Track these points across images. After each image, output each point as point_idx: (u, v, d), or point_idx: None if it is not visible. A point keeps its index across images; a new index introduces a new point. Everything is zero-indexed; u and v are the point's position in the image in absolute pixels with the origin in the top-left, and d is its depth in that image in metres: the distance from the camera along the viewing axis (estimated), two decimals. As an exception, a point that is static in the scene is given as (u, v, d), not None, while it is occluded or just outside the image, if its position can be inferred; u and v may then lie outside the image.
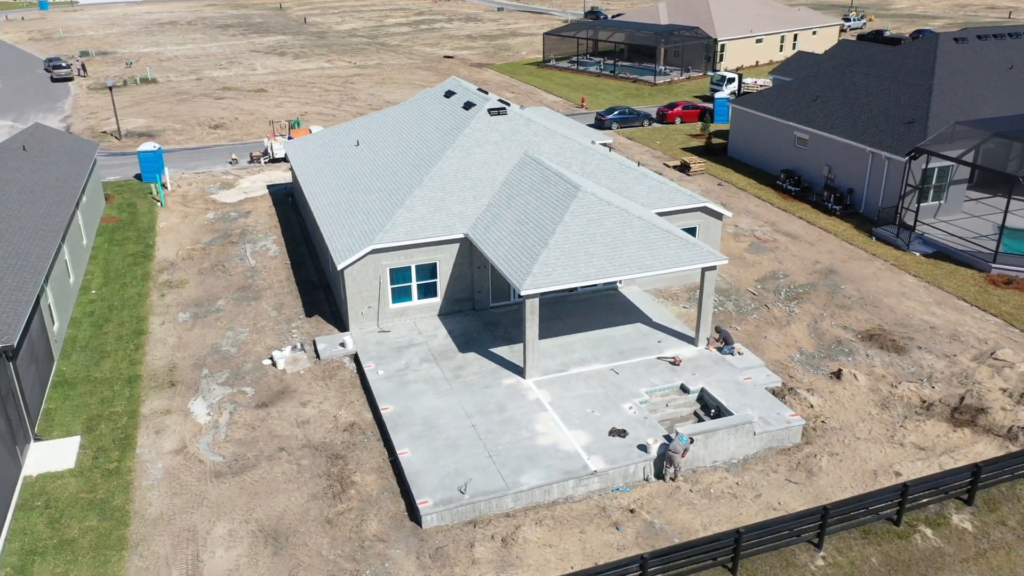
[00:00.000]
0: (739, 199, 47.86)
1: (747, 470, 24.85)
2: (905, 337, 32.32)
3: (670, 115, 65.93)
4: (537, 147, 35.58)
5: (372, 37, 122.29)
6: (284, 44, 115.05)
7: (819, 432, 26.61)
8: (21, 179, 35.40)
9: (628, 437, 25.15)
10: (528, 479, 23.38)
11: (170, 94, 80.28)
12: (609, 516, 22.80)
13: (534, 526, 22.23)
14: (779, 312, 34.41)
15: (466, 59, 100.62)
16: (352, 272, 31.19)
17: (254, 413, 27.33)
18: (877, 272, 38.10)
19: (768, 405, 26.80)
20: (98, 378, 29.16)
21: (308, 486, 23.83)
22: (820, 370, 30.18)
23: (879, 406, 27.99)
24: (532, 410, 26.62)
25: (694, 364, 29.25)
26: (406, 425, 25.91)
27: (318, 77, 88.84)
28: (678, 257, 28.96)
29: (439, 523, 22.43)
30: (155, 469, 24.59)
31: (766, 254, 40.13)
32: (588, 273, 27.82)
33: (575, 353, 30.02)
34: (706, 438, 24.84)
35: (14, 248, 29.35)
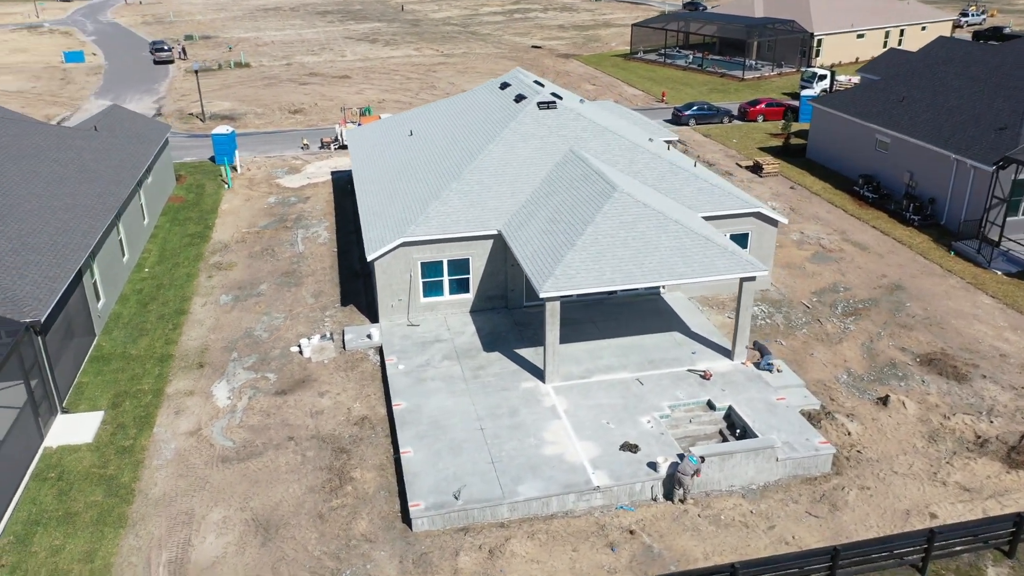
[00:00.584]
0: (810, 204, 45.22)
1: (765, 498, 23.26)
2: (969, 363, 29.65)
3: (752, 112, 63.11)
4: (584, 143, 34.45)
5: (464, 25, 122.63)
6: (377, 31, 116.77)
7: (852, 463, 24.66)
8: (84, 159, 36.85)
9: (639, 453, 23.95)
10: (526, 489, 22.56)
11: (259, 78, 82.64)
12: (607, 535, 21.74)
13: (525, 539, 21.42)
14: (832, 328, 32.20)
15: (553, 49, 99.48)
16: (383, 264, 31.00)
17: (272, 400, 27.51)
18: (950, 290, 35.17)
19: (798, 429, 25.01)
20: (133, 355, 30.03)
21: (308, 478, 23.76)
22: (866, 394, 28.03)
23: (926, 438, 25.73)
24: (545, 417, 25.74)
25: (726, 379, 27.66)
26: (414, 423, 25.49)
27: (403, 65, 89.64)
28: (714, 265, 27.37)
29: (430, 527, 21.91)
30: (167, 449, 25.06)
31: (829, 264, 37.69)
32: (614, 278, 26.64)
33: (602, 360, 28.89)
34: (722, 461, 23.37)
35: (63, 226, 30.50)
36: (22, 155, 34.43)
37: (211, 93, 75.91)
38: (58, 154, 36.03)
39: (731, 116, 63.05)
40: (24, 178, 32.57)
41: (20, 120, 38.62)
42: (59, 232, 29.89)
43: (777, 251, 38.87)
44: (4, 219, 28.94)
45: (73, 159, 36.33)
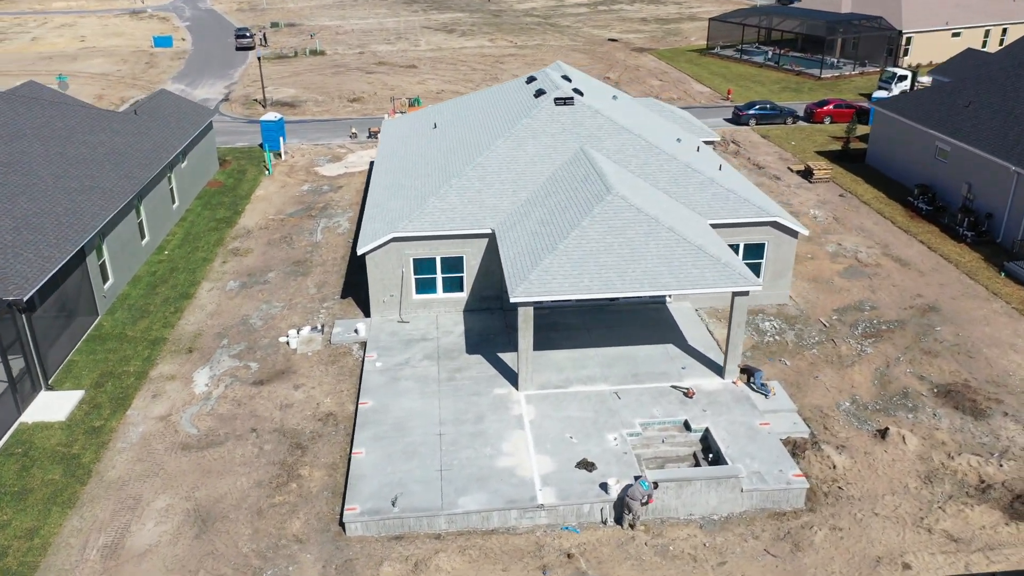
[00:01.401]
0: (857, 214, 42.30)
1: (724, 531, 21.68)
2: (992, 398, 26.95)
3: (818, 113, 59.72)
4: (598, 142, 33.12)
5: (546, 17, 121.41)
6: (457, 21, 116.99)
7: (831, 499, 22.73)
8: (115, 142, 38.02)
9: (596, 472, 22.76)
10: (467, 502, 21.75)
11: (329, 66, 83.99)
12: (543, 558, 20.72)
13: (456, 554, 20.64)
14: (847, 350, 29.90)
15: (629, 43, 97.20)
16: (375, 258, 30.65)
17: (247, 390, 27.61)
18: (990, 315, 32.14)
19: (775, 458, 23.24)
20: (128, 336, 30.75)
21: (259, 472, 23.65)
22: (866, 425, 25.84)
23: (921, 478, 23.47)
24: (508, 426, 24.81)
25: (711, 399, 26.02)
26: (376, 424, 25.03)
27: (472, 56, 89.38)
28: (703, 277, 25.73)
29: (364, 533, 21.42)
30: (134, 433, 25.47)
31: (860, 280, 35.09)
32: (591, 286, 25.40)
33: (584, 369, 27.70)
34: (679, 487, 21.92)
35: (74, 207, 31.47)
36: (53, 136, 35.78)
37: (281, 80, 77.67)
38: (89, 137, 37.29)
39: (795, 117, 59.85)
40: (48, 159, 33.82)
41: (62, 102, 40.19)
42: (67, 213, 30.85)
43: (807, 263, 36.55)
44: (15, 198, 30.07)
45: (104, 142, 37.53)
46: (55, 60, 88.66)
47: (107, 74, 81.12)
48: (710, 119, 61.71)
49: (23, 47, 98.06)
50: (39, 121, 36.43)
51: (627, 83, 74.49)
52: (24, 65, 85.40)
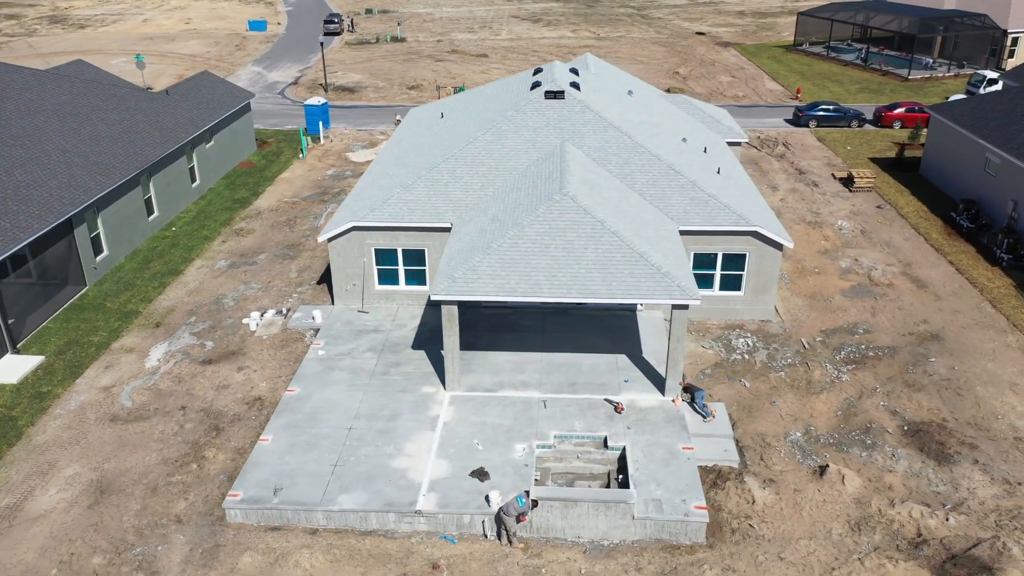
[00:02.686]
0: (888, 228, 38.93)
1: (610, 558, 20.37)
2: (966, 443, 24.14)
3: (887, 117, 55.42)
4: (581, 138, 31.84)
5: (640, 8, 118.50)
6: (548, 11, 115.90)
7: (737, 537, 20.95)
8: (135, 120, 39.65)
9: (487, 482, 21.88)
10: (347, 500, 21.36)
11: (404, 53, 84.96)
12: (407, 565, 20.09)
13: (320, 552, 20.31)
14: (820, 375, 27.54)
15: (717, 36, 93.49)
16: (336, 246, 30.63)
17: (193, 368, 28.19)
18: (1000, 350, 28.84)
19: (683, 487, 21.63)
20: (107, 307, 32.03)
21: (169, 450, 24.08)
22: (810, 459, 23.70)
23: (849, 525, 21.29)
24: (421, 427, 24.22)
25: (641, 416, 24.53)
26: (293, 412, 25.00)
27: (548, 46, 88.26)
28: (637, 287, 24.23)
29: (243, 520, 21.41)
30: (75, 401, 26.47)
31: (864, 300, 32.26)
32: (516, 289, 24.37)
33: (522, 374, 26.70)
34: (564, 508, 20.74)
35: (70, 181, 33.01)
36: (72, 113, 37.66)
37: (354, 65, 79.23)
38: (110, 115, 39.04)
39: (862, 120, 55.75)
40: (61, 134, 35.62)
41: (96, 81, 42.23)
42: (61, 187, 32.39)
43: (811, 278, 33.99)
44: (12, 170, 31.81)
45: (123, 120, 39.21)
46: (155, 40, 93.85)
47: (196, 55, 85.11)
48: (770, 119, 58.59)
49: (133, 27, 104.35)
50: (64, 98, 38.42)
51: (696, 79, 71.66)
52: (125, 44, 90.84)
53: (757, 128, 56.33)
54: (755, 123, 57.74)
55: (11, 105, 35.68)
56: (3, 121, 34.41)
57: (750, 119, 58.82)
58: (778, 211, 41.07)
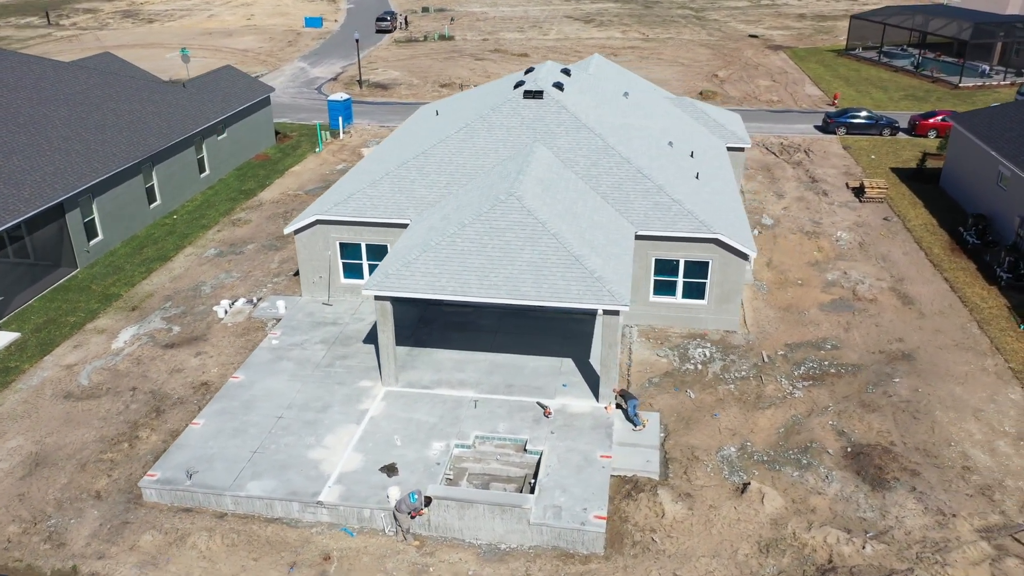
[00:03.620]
0: (891, 241, 37.25)
1: (503, 563, 20.18)
2: (909, 469, 22.96)
3: (922, 126, 52.99)
4: (552, 138, 31.58)
5: (699, 10, 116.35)
6: (603, 11, 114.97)
7: (638, 550, 20.45)
8: (145, 111, 41.18)
9: (395, 478, 21.95)
10: (255, 487, 21.76)
11: (447, 52, 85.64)
12: (300, 554, 20.35)
13: (219, 536, 20.75)
14: (773, 390, 26.61)
15: (770, 39, 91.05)
16: (303, 239, 31.19)
17: (154, 351, 29.15)
18: (974, 374, 27.28)
19: (589, 495, 21.24)
20: (91, 290, 33.39)
21: (109, 428, 24.97)
22: (736, 476, 22.93)
23: (759, 546, 20.52)
24: (346, 419, 24.47)
25: (569, 421, 24.20)
26: (230, 398, 25.59)
27: (591, 47, 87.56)
28: (567, 291, 23.89)
29: (158, 500, 22.06)
30: (37, 377, 27.72)
31: (841, 315, 30.99)
32: (448, 287, 24.36)
33: (462, 373, 26.68)
34: (461, 509, 20.63)
35: (67, 168, 34.54)
36: (83, 103, 39.39)
37: (396, 62, 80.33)
38: (120, 105, 40.68)
39: (895, 128, 53.46)
40: (67, 123, 37.32)
41: (115, 73, 44.04)
42: (56, 173, 33.93)
43: (791, 290, 32.87)
44: (10, 156, 33.49)
45: (132, 111, 40.80)
46: (213, 35, 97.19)
47: (248, 50, 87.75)
48: (799, 125, 56.81)
49: (197, 23, 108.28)
50: (78, 88, 40.23)
51: (734, 82, 70.01)
52: (184, 39, 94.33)
53: (783, 134, 54.68)
54: (783, 129, 56.06)
55: (24, 94, 37.58)
56: (13, 109, 36.27)
57: (779, 124, 57.16)
58: (777, 219, 39.84)
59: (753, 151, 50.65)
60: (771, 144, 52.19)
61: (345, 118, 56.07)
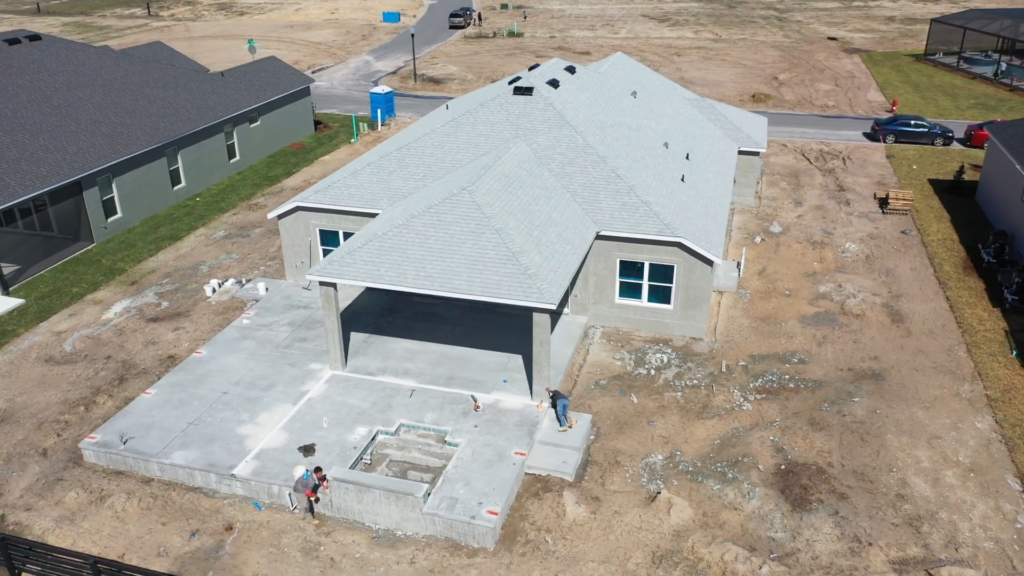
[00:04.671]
0: (902, 256, 35.34)
1: (392, 548, 20.49)
2: (837, 492, 21.92)
3: (978, 136, 49.87)
4: (533, 135, 31.58)
5: (784, 11, 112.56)
6: (682, 11, 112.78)
7: (528, 549, 20.36)
8: (179, 98, 43.39)
9: (310, 458, 22.58)
10: (179, 456, 22.81)
11: (510, 48, 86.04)
12: (206, 523, 21.25)
13: (136, 499, 21.88)
14: (722, 401, 25.85)
15: (848, 42, 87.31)
16: (285, 224, 32.27)
17: (138, 324, 30.83)
18: (944, 398, 25.70)
19: (491, 490, 21.29)
20: (100, 263, 35.54)
21: (75, 392, 26.62)
22: (653, 484, 22.46)
23: (651, 557, 20.09)
24: (285, 399, 25.29)
25: (496, 417, 24.27)
26: (187, 372, 26.83)
27: (658, 47, 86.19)
28: (498, 286, 23.92)
29: (95, 461, 23.44)
30: (28, 341, 29.81)
31: (819, 329, 29.71)
32: (385, 277, 24.79)
33: (410, 362, 27.09)
34: (360, 492, 21.05)
35: (90, 148, 36.86)
36: (120, 88, 41.87)
37: (459, 58, 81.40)
38: (155, 91, 43.01)
39: (948, 138, 50.49)
40: (97, 106, 39.78)
41: (157, 60, 46.50)
42: (78, 153, 36.25)
43: (775, 300, 31.75)
44: (37, 136, 36.00)
45: (165, 97, 43.07)
46: (293, 28, 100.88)
47: (321, 43, 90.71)
48: (847, 132, 54.46)
49: (284, 16, 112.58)
50: (118, 75, 42.78)
51: (793, 85, 67.60)
52: (266, 31, 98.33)
53: (827, 140, 52.51)
54: (829, 135, 53.84)
55: (63, 79, 40.29)
56: (49, 92, 38.95)
57: (826, 130, 54.91)
58: (787, 227, 38.42)
59: (785, 157, 48.90)
60: (810, 150, 50.22)
61: (386, 111, 57.35)
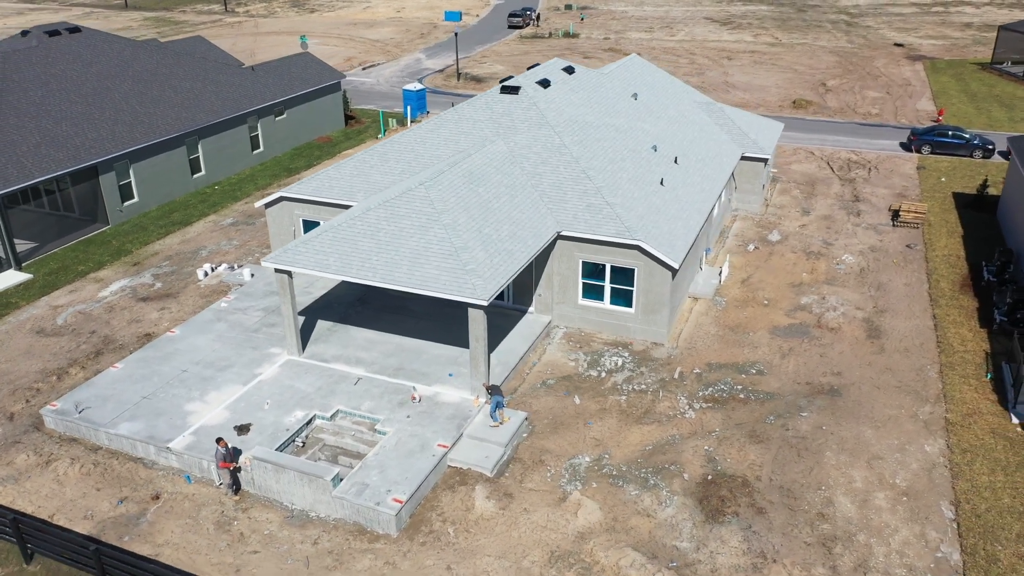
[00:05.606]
0: (899, 271, 33.96)
1: (301, 528, 21.14)
2: (756, 506, 21.43)
3: (1020, 150, 47.24)
4: (512, 134, 31.83)
5: (856, 15, 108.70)
6: (748, 14, 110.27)
7: (429, 538, 20.67)
8: (206, 91, 45.33)
9: (243, 436, 23.47)
10: (125, 427, 24.04)
11: (560, 49, 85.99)
12: (136, 491, 22.36)
13: (79, 465, 23.18)
14: (666, 408, 25.54)
15: (915, 48, 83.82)
16: (272, 213, 33.43)
17: (128, 302, 32.49)
18: (900, 418, 24.71)
19: (403, 479, 21.70)
20: (111, 244, 37.53)
21: (54, 363, 28.30)
22: (571, 485, 22.40)
23: (548, 556, 20.11)
24: (237, 380, 26.29)
25: (430, 409, 24.67)
26: (157, 349, 28.16)
27: (710, 50, 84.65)
28: (436, 280, 24.30)
29: (54, 427, 24.92)
30: (27, 313, 31.80)
31: (788, 341, 28.92)
32: (331, 266, 25.53)
33: (367, 352, 27.75)
34: (277, 472, 21.79)
35: (111, 135, 38.98)
36: (150, 79, 44.02)
37: (509, 58, 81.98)
38: (182, 83, 45.05)
39: (988, 150, 48.08)
40: (123, 96, 41.97)
41: (190, 54, 48.59)
42: (98, 139, 38.38)
43: (752, 310, 31.09)
44: (60, 122, 38.27)
45: (192, 89, 45.06)
46: (356, 26, 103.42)
47: (378, 41, 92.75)
48: (883, 141, 52.53)
49: (351, 14, 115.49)
50: (149, 67, 44.98)
51: (840, 92, 65.47)
52: (328, 28, 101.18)
53: (860, 149, 50.73)
54: (863, 144, 51.99)
55: (95, 69, 42.66)
56: (80, 81, 41.33)
57: (862, 139, 53.04)
58: (786, 236, 37.42)
59: (808, 165, 47.50)
60: (837, 159, 48.63)
61: (417, 107, 58.34)
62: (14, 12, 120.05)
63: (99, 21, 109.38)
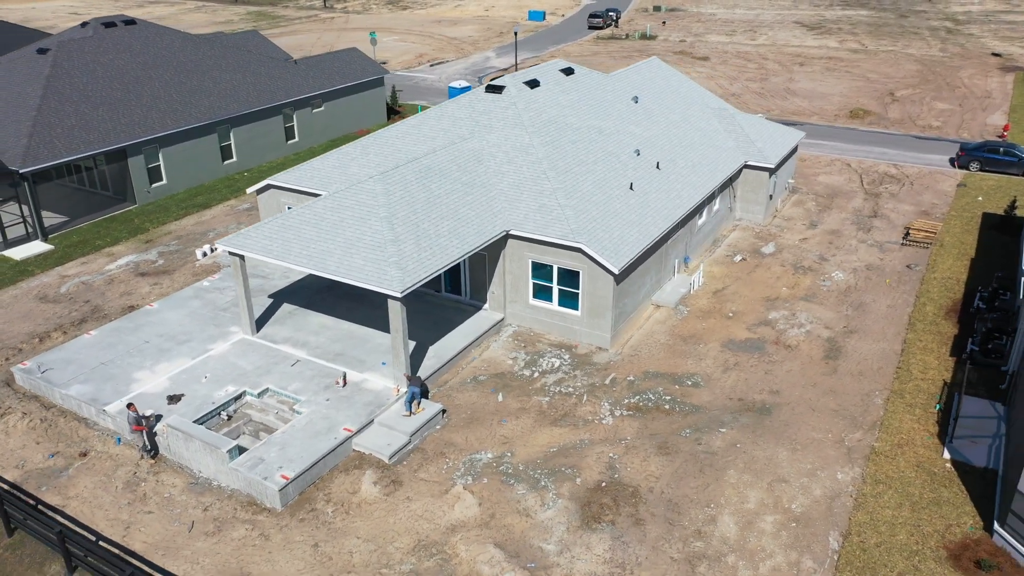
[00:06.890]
0: (887, 291, 32.26)
1: (199, 495, 22.46)
2: (637, 517, 21.20)
3: (1079, 171, 43.71)
4: (487, 133, 32.32)
5: (960, 23, 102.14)
6: (843, 19, 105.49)
7: (308, 516, 21.54)
8: (245, 82, 47.84)
9: (174, 405, 25.05)
10: (76, 389, 26.04)
11: (630, 51, 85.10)
12: (71, 447, 24.27)
13: (28, 420, 25.33)
14: (587, 412, 25.44)
15: (1014, 59, 78.17)
16: (263, 199, 35.15)
17: (128, 276, 34.95)
18: (822, 442, 23.69)
19: (298, 457, 22.68)
20: (132, 223, 40.35)
21: (43, 326, 30.87)
22: (463, 479, 22.75)
23: (414, 543, 20.59)
24: (190, 354, 27.96)
25: (352, 395, 25.57)
26: (132, 320, 30.23)
27: (786, 55, 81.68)
28: (361, 271, 25.14)
29: (22, 384, 27.30)
30: (39, 281, 34.72)
31: (737, 355, 28.11)
32: (273, 251, 26.76)
33: (317, 336, 28.91)
34: (186, 440, 23.20)
35: (143, 121, 41.89)
36: (193, 70, 46.89)
37: (576, 58, 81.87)
38: (225, 75, 47.73)
39: (1043, 170, 44.71)
40: (163, 85, 44.90)
41: (240, 47, 51.32)
42: (130, 124, 41.33)
43: (712, 321, 30.41)
44: (98, 107, 41.43)
45: (231, 80, 47.67)
46: (440, 24, 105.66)
47: (455, 38, 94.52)
48: (932, 155, 49.71)
49: (441, 12, 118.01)
50: (194, 57, 47.89)
51: (908, 102, 62.06)
52: (412, 25, 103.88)
53: (904, 163, 48.11)
54: (911, 157, 49.26)
55: (141, 59, 45.84)
56: (124, 70, 44.53)
57: (912, 152, 50.26)
58: (780, 249, 36.14)
59: (837, 176, 45.49)
60: (872, 172, 46.32)
61: (461, 105, 59.33)
62: (134, 4, 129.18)
63: (207, 14, 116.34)
